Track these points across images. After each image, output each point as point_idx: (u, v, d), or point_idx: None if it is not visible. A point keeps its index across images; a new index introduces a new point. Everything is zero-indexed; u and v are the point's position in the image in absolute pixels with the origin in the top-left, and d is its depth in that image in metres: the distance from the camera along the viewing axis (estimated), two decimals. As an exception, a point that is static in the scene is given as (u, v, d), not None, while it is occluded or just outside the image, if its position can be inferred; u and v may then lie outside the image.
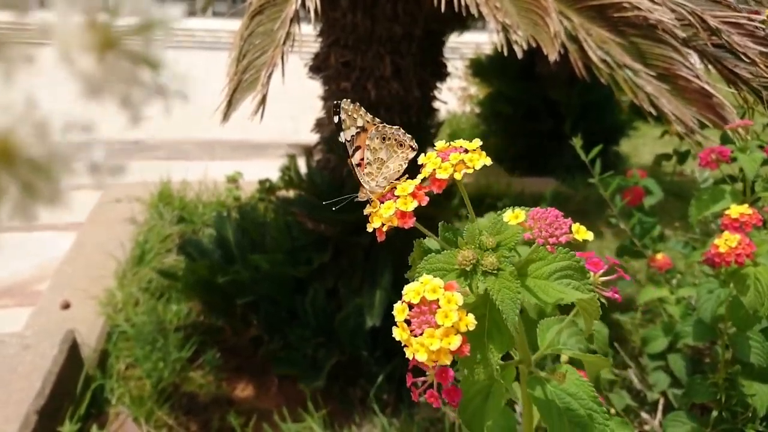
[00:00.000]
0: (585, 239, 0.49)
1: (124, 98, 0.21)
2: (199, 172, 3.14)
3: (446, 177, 0.51)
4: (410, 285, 0.46)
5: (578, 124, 3.30)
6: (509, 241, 0.50)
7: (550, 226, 0.48)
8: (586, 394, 0.52)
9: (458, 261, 0.48)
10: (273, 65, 1.17)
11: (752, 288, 0.83)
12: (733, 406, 1.01)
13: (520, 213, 0.49)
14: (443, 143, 0.54)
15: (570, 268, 0.48)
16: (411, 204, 0.51)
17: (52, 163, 0.19)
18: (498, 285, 0.47)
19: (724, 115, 1.09)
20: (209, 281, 1.93)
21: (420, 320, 0.44)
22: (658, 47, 1.10)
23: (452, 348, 0.43)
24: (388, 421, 1.70)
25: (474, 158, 0.51)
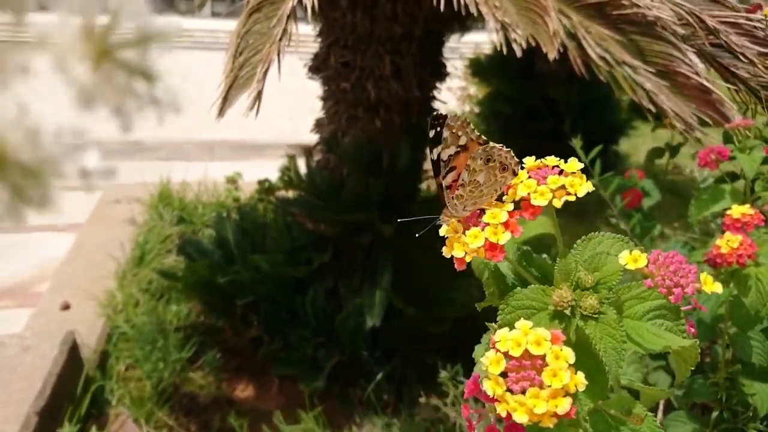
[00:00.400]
0: (714, 290, 0.44)
1: (116, 108, 0.21)
2: (198, 173, 3.14)
3: (544, 204, 0.44)
4: (505, 332, 0.40)
5: (578, 123, 3.30)
6: (610, 280, 0.43)
7: (674, 274, 0.42)
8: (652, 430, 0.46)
9: (554, 301, 0.42)
10: (269, 61, 1.17)
11: (754, 288, 0.82)
12: (733, 405, 1.01)
13: (640, 257, 0.43)
14: (532, 160, 0.47)
15: (664, 307, 0.43)
16: (503, 236, 0.43)
17: (43, 168, 0.20)
18: (600, 332, 0.41)
19: (724, 111, 1.09)
20: (209, 282, 1.93)
21: (520, 376, 0.38)
22: (657, 44, 1.10)
23: (560, 411, 0.37)
24: (388, 421, 1.70)
25: (576, 183, 0.44)
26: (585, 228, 0.50)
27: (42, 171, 0.20)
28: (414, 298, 1.83)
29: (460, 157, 0.49)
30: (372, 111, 1.95)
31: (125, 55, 0.20)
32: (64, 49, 0.19)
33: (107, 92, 0.20)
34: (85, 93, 0.20)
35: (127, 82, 0.21)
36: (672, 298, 0.42)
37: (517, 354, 0.39)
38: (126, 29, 0.20)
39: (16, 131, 0.19)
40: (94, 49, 0.20)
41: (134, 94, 0.21)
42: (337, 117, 2.02)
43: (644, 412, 0.47)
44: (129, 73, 0.21)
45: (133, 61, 0.21)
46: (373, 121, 1.96)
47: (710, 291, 0.44)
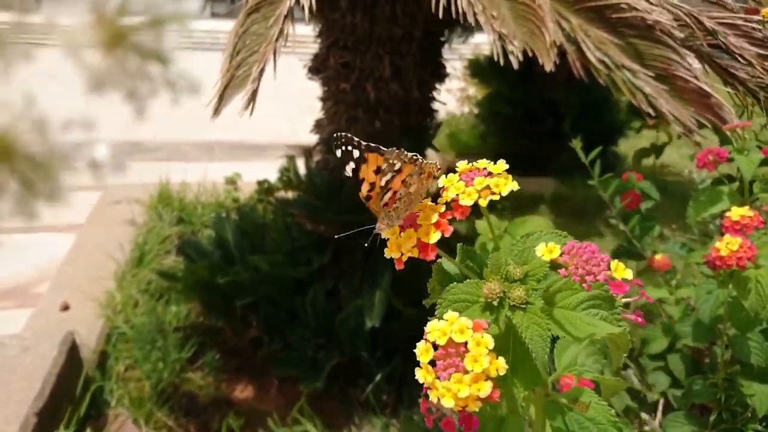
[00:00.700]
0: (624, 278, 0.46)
1: (130, 91, 0.21)
2: (198, 174, 3.14)
3: (471, 203, 0.47)
4: (434, 323, 0.43)
5: (577, 124, 3.30)
6: (537, 272, 0.46)
7: (587, 263, 0.44)
8: (606, 418, 0.49)
9: (484, 293, 0.45)
10: (264, 61, 1.17)
11: (754, 291, 0.83)
12: (732, 406, 1.02)
13: (555, 248, 0.46)
14: (465, 164, 0.50)
15: (598, 297, 0.46)
16: (434, 235, 0.47)
17: (52, 161, 0.19)
18: (527, 321, 0.44)
19: (723, 115, 1.09)
20: (209, 282, 1.94)
21: (446, 363, 0.41)
22: (656, 48, 1.10)
23: (482, 395, 0.40)
24: (387, 421, 1.71)
25: (500, 183, 0.47)
26: (584, 228, 0.51)
27: (51, 164, 0.19)
28: (414, 299, 1.83)
29: (395, 179, 0.53)
30: (372, 112, 1.96)
31: (139, 39, 0.20)
32: (76, 34, 0.19)
33: (120, 76, 0.20)
34: (96, 78, 0.20)
35: (140, 66, 0.20)
36: (585, 286, 0.44)
37: (443, 342, 0.42)
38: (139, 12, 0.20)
39: (25, 123, 0.19)
40: (107, 33, 0.20)
41: (147, 77, 0.21)
42: (336, 118, 2.03)
43: (591, 400, 0.50)
44: (142, 57, 0.20)
45: (147, 44, 0.20)
46: (372, 121, 1.96)
47: (620, 278, 0.46)
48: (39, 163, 0.19)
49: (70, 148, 0.20)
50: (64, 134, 0.20)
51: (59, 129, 0.19)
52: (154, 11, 0.20)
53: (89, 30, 0.19)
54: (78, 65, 0.19)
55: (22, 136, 0.19)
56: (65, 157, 0.20)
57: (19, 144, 0.19)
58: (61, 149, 0.19)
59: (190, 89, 0.22)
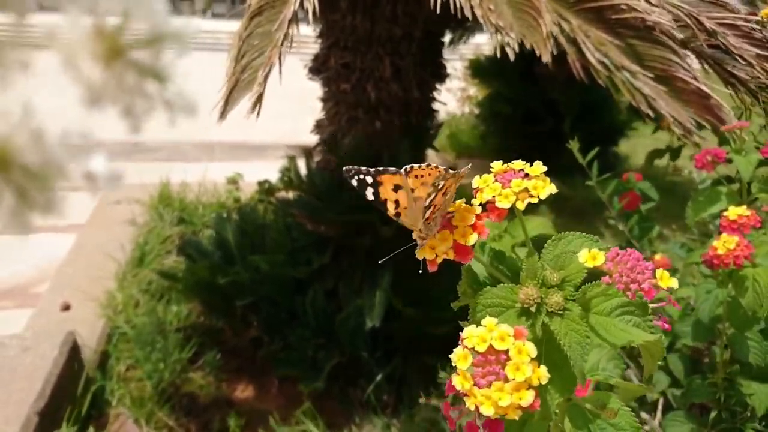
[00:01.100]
0: (669, 286, 0.45)
1: (126, 108, 0.20)
2: (198, 174, 3.14)
3: (508, 206, 0.46)
4: (472, 329, 0.42)
5: (577, 124, 3.30)
6: (574, 278, 0.45)
7: (631, 271, 0.44)
8: (629, 424, 0.48)
9: (521, 299, 0.44)
10: (270, 65, 1.18)
11: (751, 289, 0.83)
12: (732, 405, 1.02)
13: (599, 254, 0.44)
14: (500, 164, 0.49)
15: (631, 303, 0.44)
16: (471, 237, 0.45)
17: (48, 171, 0.19)
18: (565, 327, 0.43)
19: (722, 116, 1.09)
20: (209, 282, 1.94)
21: (486, 370, 0.40)
22: (656, 49, 1.10)
23: (524, 404, 0.39)
24: (387, 421, 1.71)
25: (539, 185, 0.46)
26: (584, 229, 0.51)
27: (47, 174, 0.19)
28: (414, 299, 1.83)
29: (437, 196, 0.52)
30: (372, 112, 1.96)
31: (137, 55, 0.20)
32: (74, 47, 0.19)
33: (117, 92, 0.20)
34: (93, 92, 0.19)
35: (137, 83, 0.20)
36: (629, 294, 0.43)
37: (483, 349, 0.41)
38: (140, 29, 0.20)
39: (22, 133, 0.19)
40: (106, 47, 0.20)
41: (145, 94, 0.21)
42: (337, 118, 2.03)
43: (618, 406, 0.49)
44: (140, 74, 0.20)
45: (146, 61, 0.20)
46: (373, 122, 1.97)
47: (665, 287, 0.45)
48: (35, 174, 0.19)
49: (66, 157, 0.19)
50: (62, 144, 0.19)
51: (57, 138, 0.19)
52: (154, 27, 0.20)
53: (88, 42, 0.19)
54: (75, 78, 0.19)
55: (19, 145, 0.19)
56: (62, 168, 0.19)
57: (15, 154, 0.19)
58: (58, 158, 0.19)
59: (186, 109, 0.22)
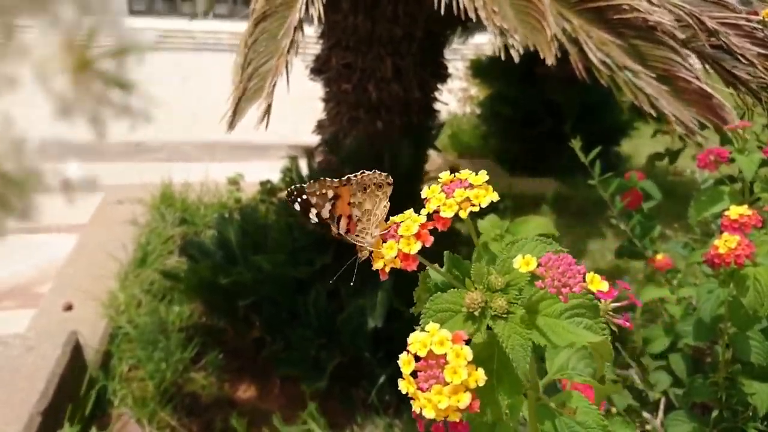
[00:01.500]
0: (599, 289, 0.47)
1: (93, 117, 0.21)
2: (200, 174, 3.15)
3: (451, 215, 0.48)
4: (416, 334, 0.44)
5: (579, 124, 3.30)
6: (518, 281, 0.47)
7: (563, 275, 0.45)
8: (596, 422, 0.49)
9: (466, 303, 0.46)
10: (278, 73, 1.18)
11: (752, 288, 0.83)
12: (733, 405, 1.02)
13: (531, 260, 0.46)
14: (447, 175, 0.51)
15: (582, 306, 0.46)
16: (415, 246, 0.48)
17: (27, 178, 0.20)
18: (508, 330, 0.44)
19: (724, 115, 1.09)
20: (211, 282, 1.94)
21: (427, 374, 0.42)
22: (658, 49, 1.10)
23: (461, 406, 0.41)
24: (390, 421, 1.71)
25: (480, 194, 0.48)
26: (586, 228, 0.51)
27: (26, 182, 0.20)
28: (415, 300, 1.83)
29: (337, 205, 0.55)
30: (373, 112, 1.96)
31: (103, 66, 0.21)
32: (45, 60, 0.20)
33: (85, 102, 0.21)
34: (64, 103, 0.20)
35: (103, 92, 0.21)
36: (561, 298, 0.45)
37: (424, 354, 0.42)
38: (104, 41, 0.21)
39: (2, 142, 0.20)
40: (74, 60, 0.20)
41: (110, 103, 0.21)
42: (338, 118, 2.03)
43: (582, 405, 0.50)
44: (106, 83, 0.21)
45: (110, 71, 0.21)
46: (374, 122, 1.97)
47: (596, 290, 0.46)
48: (13, 181, 0.20)
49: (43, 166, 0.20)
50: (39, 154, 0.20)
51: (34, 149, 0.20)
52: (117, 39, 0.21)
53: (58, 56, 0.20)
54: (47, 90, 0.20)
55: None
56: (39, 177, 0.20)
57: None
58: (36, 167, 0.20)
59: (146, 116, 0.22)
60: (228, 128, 1.23)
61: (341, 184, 0.54)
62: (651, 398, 1.24)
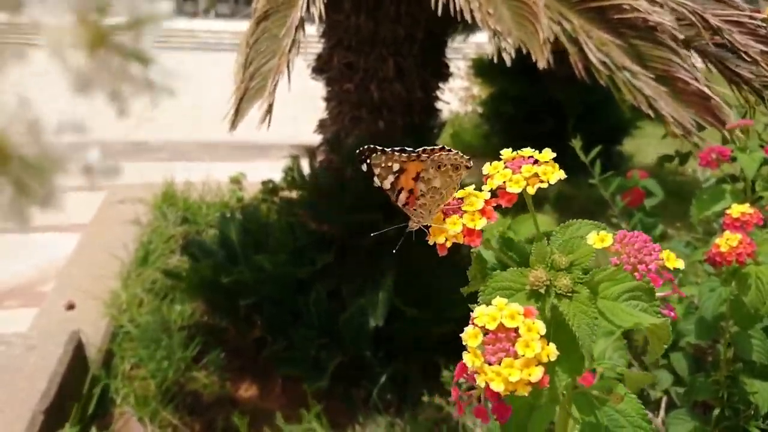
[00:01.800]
0: (676, 266, 0.46)
1: (113, 92, 0.21)
2: (202, 173, 3.15)
3: (518, 191, 0.47)
4: (483, 308, 0.43)
5: (581, 123, 3.30)
6: (583, 261, 0.47)
7: (639, 252, 0.44)
8: (636, 411, 0.49)
9: (530, 281, 0.45)
10: (279, 73, 1.18)
11: (753, 287, 0.83)
12: (735, 403, 1.02)
13: (607, 236, 0.45)
14: (509, 152, 0.50)
15: (638, 288, 0.46)
16: (480, 221, 0.47)
17: (46, 163, 0.19)
18: (573, 309, 0.44)
19: (722, 117, 1.09)
20: (213, 281, 1.94)
21: (496, 347, 0.41)
22: (658, 49, 1.10)
23: (533, 380, 0.40)
24: (391, 420, 1.71)
25: (548, 171, 0.48)
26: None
27: (45, 166, 0.19)
28: (416, 299, 1.83)
29: (401, 179, 0.53)
30: (375, 112, 1.96)
31: (119, 39, 0.20)
32: (59, 35, 0.19)
33: (103, 77, 0.20)
34: (81, 79, 0.20)
35: (122, 66, 0.20)
36: (637, 275, 0.44)
37: (493, 327, 0.42)
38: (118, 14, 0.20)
39: (18, 125, 0.19)
40: (89, 34, 0.20)
41: (129, 77, 0.21)
42: (340, 118, 2.03)
43: (624, 392, 0.49)
44: (124, 57, 0.20)
45: (127, 44, 0.20)
46: (376, 121, 1.97)
47: (672, 267, 0.46)
48: (33, 166, 0.19)
49: (63, 151, 0.20)
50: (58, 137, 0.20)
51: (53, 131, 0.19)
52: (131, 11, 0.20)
53: (72, 30, 0.19)
54: (63, 66, 0.19)
55: (15, 138, 0.19)
56: (59, 160, 0.20)
57: (12, 146, 0.19)
58: (55, 152, 0.19)
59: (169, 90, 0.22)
60: (230, 128, 1.23)
61: (409, 158, 0.53)
62: (652, 397, 1.24)
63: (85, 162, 0.20)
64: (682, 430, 1.03)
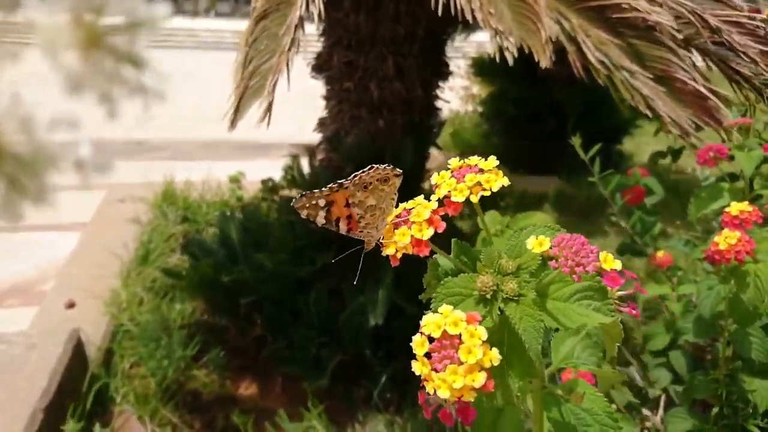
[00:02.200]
0: (613, 267, 0.47)
1: (104, 94, 0.21)
2: (202, 172, 3.15)
3: (462, 200, 0.48)
4: (429, 316, 0.44)
5: (581, 122, 3.30)
6: (529, 265, 0.47)
7: (576, 255, 0.45)
8: (602, 409, 0.50)
9: (477, 287, 0.46)
10: (278, 72, 1.18)
11: (752, 285, 0.83)
12: (733, 402, 1.02)
13: (545, 240, 0.46)
14: (457, 161, 0.51)
15: (590, 288, 0.46)
16: (427, 232, 0.48)
17: (38, 160, 0.19)
18: (519, 312, 0.45)
19: (720, 117, 1.09)
20: (213, 280, 1.95)
21: (441, 355, 0.42)
22: (656, 49, 1.10)
23: (476, 385, 0.41)
24: (391, 419, 1.71)
25: (491, 179, 0.48)
26: (588, 227, 0.51)
27: (38, 162, 0.19)
28: (416, 297, 1.83)
29: (332, 211, 0.55)
30: (375, 111, 1.96)
31: (114, 42, 0.20)
32: (53, 35, 0.19)
33: (95, 79, 0.20)
34: (73, 79, 0.20)
35: (115, 69, 0.20)
36: (575, 277, 0.45)
37: (438, 335, 0.42)
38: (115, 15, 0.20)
39: (10, 121, 0.19)
40: (84, 35, 0.20)
41: (122, 80, 0.21)
42: (340, 116, 2.03)
43: (588, 391, 0.50)
44: (117, 60, 0.20)
45: (122, 47, 0.20)
46: (376, 120, 1.97)
47: (609, 269, 0.46)
48: (25, 162, 0.19)
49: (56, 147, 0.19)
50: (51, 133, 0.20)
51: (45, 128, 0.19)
52: (128, 13, 0.20)
53: (67, 30, 0.19)
54: (55, 66, 0.19)
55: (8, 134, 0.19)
56: (51, 157, 0.19)
57: (5, 143, 0.19)
58: (47, 148, 0.19)
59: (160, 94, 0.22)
60: (230, 127, 1.23)
61: (332, 191, 0.55)
62: (651, 395, 1.24)
63: (76, 158, 0.20)
64: (681, 428, 1.03)
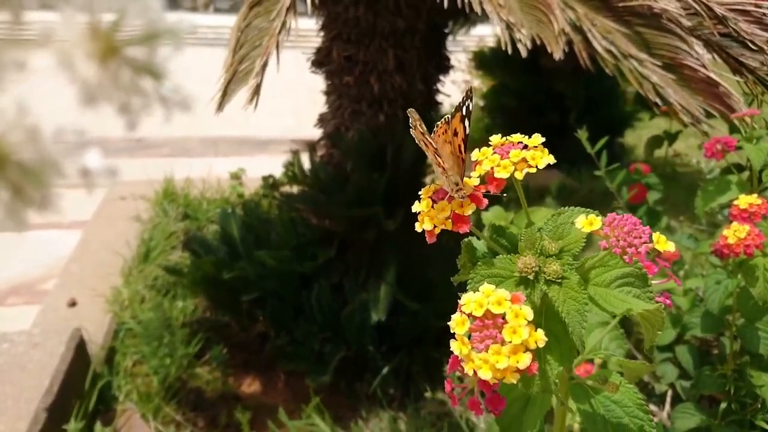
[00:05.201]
0: (666, 249, 0.44)
1: (122, 106, 0.20)
2: (202, 169, 3.14)
3: (506, 176, 0.46)
4: (470, 295, 0.42)
5: (583, 116, 3.28)
6: (573, 247, 0.45)
7: (628, 235, 0.43)
8: (632, 401, 0.48)
9: (519, 268, 0.44)
10: (267, 54, 1.16)
11: (761, 279, 0.82)
12: (741, 397, 1.01)
13: (596, 219, 0.44)
14: (498, 137, 0.49)
15: (631, 275, 0.44)
16: (469, 207, 0.46)
17: (43, 168, 0.19)
18: (563, 295, 0.43)
19: (731, 104, 1.08)
20: (215, 277, 1.94)
21: (483, 335, 0.40)
22: (664, 36, 1.09)
23: (521, 366, 0.39)
24: (394, 415, 1.71)
25: (537, 156, 0.46)
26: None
27: (43, 171, 0.19)
28: (419, 293, 1.82)
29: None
30: (375, 105, 1.95)
31: (132, 53, 0.20)
32: (69, 46, 0.19)
33: (112, 90, 0.20)
34: (88, 91, 0.19)
35: (133, 80, 0.20)
36: (626, 258, 0.43)
37: (480, 314, 0.41)
38: (134, 26, 0.20)
39: (17, 131, 0.19)
40: (101, 46, 0.19)
41: (140, 92, 0.20)
42: (340, 111, 2.02)
43: (620, 381, 0.48)
44: (136, 71, 0.20)
45: (141, 58, 0.20)
46: (376, 115, 1.95)
47: (662, 250, 0.44)
48: (30, 170, 0.19)
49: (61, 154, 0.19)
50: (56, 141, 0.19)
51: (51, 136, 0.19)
52: (149, 25, 0.20)
53: (83, 42, 0.19)
54: (71, 78, 0.19)
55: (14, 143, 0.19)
56: (56, 164, 0.19)
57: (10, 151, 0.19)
58: (53, 156, 0.19)
59: (182, 105, 0.21)
60: (216, 110, 1.21)
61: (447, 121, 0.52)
62: (658, 391, 1.23)
63: (83, 164, 0.20)
64: (688, 423, 1.02)
